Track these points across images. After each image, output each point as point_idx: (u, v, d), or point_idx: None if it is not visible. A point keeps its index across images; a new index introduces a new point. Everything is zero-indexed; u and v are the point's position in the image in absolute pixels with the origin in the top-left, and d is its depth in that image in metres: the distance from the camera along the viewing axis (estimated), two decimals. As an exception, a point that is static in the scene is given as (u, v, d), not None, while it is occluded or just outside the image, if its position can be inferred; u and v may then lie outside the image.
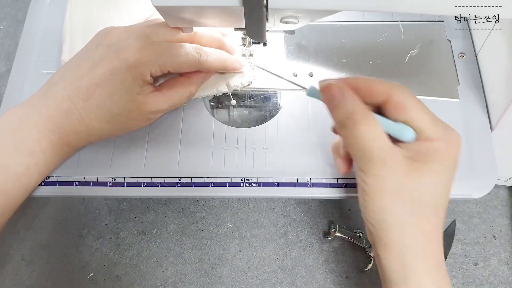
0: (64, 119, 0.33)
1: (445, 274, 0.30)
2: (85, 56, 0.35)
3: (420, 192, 0.29)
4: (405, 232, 0.29)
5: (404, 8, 0.26)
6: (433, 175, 0.29)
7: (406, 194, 0.29)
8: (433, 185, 0.29)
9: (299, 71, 0.43)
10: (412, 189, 0.29)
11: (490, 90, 0.41)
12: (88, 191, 0.38)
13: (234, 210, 0.47)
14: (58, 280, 0.45)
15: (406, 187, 0.29)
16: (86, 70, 0.33)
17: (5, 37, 0.59)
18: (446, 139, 0.29)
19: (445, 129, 0.30)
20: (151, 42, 0.34)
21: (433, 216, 0.30)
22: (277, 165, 0.39)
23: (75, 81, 0.34)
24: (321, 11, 0.28)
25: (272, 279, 0.44)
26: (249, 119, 0.41)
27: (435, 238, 0.30)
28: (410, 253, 0.29)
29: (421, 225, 0.29)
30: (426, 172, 0.29)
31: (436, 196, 0.30)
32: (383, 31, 0.45)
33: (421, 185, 0.29)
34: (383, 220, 0.30)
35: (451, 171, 0.30)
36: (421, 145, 0.29)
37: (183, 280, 0.44)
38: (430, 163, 0.29)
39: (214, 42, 0.38)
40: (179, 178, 0.38)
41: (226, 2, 0.27)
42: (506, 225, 0.46)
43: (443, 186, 0.30)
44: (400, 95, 0.31)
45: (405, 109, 0.30)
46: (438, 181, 0.29)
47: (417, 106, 0.30)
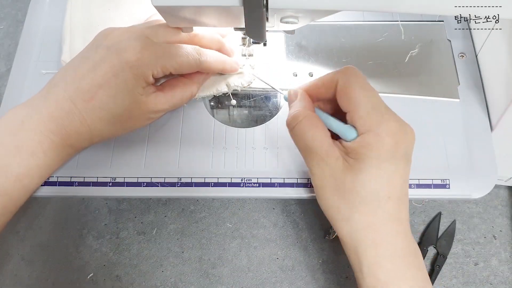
0: (65, 120, 0.33)
1: (404, 264, 0.30)
2: (85, 57, 0.35)
3: (358, 188, 0.30)
4: (352, 226, 0.31)
5: (404, 8, 0.26)
6: (367, 170, 0.29)
7: (345, 190, 0.30)
8: (368, 180, 0.30)
9: (299, 71, 0.43)
10: (349, 185, 0.30)
11: (490, 90, 0.41)
12: (88, 191, 0.38)
13: (234, 210, 0.47)
14: (58, 280, 0.45)
15: (344, 183, 0.30)
16: (87, 71, 0.33)
17: (5, 37, 0.59)
18: (378, 131, 0.29)
19: (380, 120, 0.29)
20: (151, 43, 0.34)
21: (377, 209, 0.30)
22: (277, 165, 0.39)
23: (76, 81, 0.33)
24: (321, 11, 0.28)
25: (272, 279, 0.44)
26: (249, 119, 0.41)
27: (386, 229, 0.30)
28: (361, 244, 0.30)
29: (365, 219, 0.30)
30: (359, 168, 0.30)
31: (376, 189, 0.30)
32: (383, 31, 0.45)
33: (357, 181, 0.30)
34: (331, 216, 0.32)
35: (390, 163, 0.30)
36: (354, 142, 0.30)
37: (183, 280, 0.44)
38: (362, 159, 0.30)
39: (214, 43, 0.38)
40: (179, 178, 0.38)
41: (226, 2, 0.27)
42: (506, 225, 0.46)
43: (382, 179, 0.30)
44: (344, 83, 0.31)
45: (347, 101, 0.31)
46: (374, 175, 0.30)
47: (356, 97, 0.30)
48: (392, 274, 0.30)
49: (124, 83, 0.33)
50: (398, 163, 0.30)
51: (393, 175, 0.30)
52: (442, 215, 0.46)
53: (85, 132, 0.34)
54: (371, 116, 0.30)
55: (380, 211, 0.30)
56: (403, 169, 0.31)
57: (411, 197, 0.39)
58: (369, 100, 0.30)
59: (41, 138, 0.33)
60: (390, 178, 0.30)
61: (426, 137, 0.40)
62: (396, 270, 0.30)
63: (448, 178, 0.38)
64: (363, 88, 0.31)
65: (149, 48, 0.34)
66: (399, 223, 0.31)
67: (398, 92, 0.42)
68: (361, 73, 0.32)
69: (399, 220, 0.31)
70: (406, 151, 0.30)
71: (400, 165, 0.30)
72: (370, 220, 0.30)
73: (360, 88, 0.31)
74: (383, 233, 0.30)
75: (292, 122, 0.32)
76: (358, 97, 0.30)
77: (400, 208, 0.31)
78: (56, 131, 0.33)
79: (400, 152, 0.30)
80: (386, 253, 0.30)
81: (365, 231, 0.30)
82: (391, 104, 0.33)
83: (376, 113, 0.30)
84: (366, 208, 0.30)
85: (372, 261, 0.30)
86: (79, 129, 0.34)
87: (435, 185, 0.38)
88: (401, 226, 0.31)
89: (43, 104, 0.34)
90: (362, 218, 0.30)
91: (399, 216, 0.31)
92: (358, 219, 0.30)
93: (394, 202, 0.30)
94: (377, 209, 0.30)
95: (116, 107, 0.33)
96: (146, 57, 0.33)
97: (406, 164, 0.31)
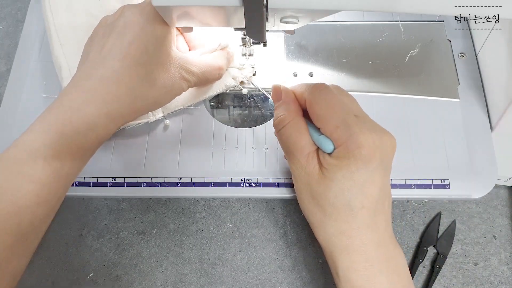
0: (101, 86, 0.31)
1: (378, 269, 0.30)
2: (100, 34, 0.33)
3: (330, 198, 0.31)
4: (326, 232, 0.32)
5: (404, 8, 0.26)
6: (338, 180, 0.30)
7: (319, 198, 0.31)
8: (341, 190, 0.30)
9: (299, 71, 0.43)
10: (322, 195, 0.31)
11: (490, 90, 0.41)
12: (88, 191, 0.38)
13: (234, 210, 0.47)
14: (58, 280, 0.45)
15: (317, 191, 0.31)
16: (112, 39, 0.31)
17: (5, 37, 0.59)
18: (347, 144, 0.29)
19: (349, 133, 0.29)
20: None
21: (349, 217, 0.31)
22: (277, 165, 0.39)
23: (107, 47, 0.31)
24: (321, 11, 0.28)
25: (272, 279, 0.44)
26: (249, 119, 0.41)
27: (359, 237, 0.31)
28: (335, 249, 0.31)
29: (338, 226, 0.31)
30: (331, 178, 0.30)
31: (348, 199, 0.30)
32: (383, 31, 0.45)
33: (329, 191, 0.31)
34: (308, 218, 0.33)
35: (361, 173, 0.30)
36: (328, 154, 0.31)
37: (183, 280, 0.44)
38: (334, 171, 0.30)
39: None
40: (179, 178, 0.38)
41: (226, 2, 0.27)
42: (506, 225, 0.46)
43: (354, 189, 0.30)
44: (311, 101, 0.32)
45: (315, 118, 0.32)
46: (346, 185, 0.30)
47: (322, 114, 0.31)
48: (365, 279, 0.30)
49: (152, 34, 0.31)
50: (372, 173, 0.30)
51: (367, 185, 0.30)
52: (442, 215, 0.46)
53: (124, 93, 0.31)
54: (338, 131, 0.30)
55: (353, 220, 0.31)
56: (379, 178, 0.31)
57: (411, 197, 0.39)
58: (335, 116, 0.30)
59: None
60: (363, 188, 0.30)
61: (426, 137, 0.40)
62: (370, 275, 0.30)
63: (448, 178, 0.38)
64: (329, 104, 0.31)
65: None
66: (374, 230, 0.31)
67: (398, 92, 0.42)
68: (329, 88, 0.32)
69: (374, 228, 0.31)
70: (382, 160, 0.30)
71: (375, 175, 0.30)
72: (343, 227, 0.31)
73: (326, 105, 0.31)
74: (356, 240, 0.31)
75: (279, 125, 0.33)
76: (324, 114, 0.31)
77: (376, 217, 0.31)
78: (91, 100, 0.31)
79: (373, 162, 0.30)
80: (360, 258, 0.30)
81: (338, 237, 0.31)
82: (391, 104, 0.33)
83: (344, 127, 0.30)
84: (338, 216, 0.31)
85: (346, 266, 0.31)
86: (118, 91, 0.31)
87: (435, 185, 0.38)
88: (376, 233, 0.31)
89: (84, 83, 0.31)
90: (335, 225, 0.31)
91: (375, 224, 0.31)
92: (331, 225, 0.31)
93: (369, 211, 0.31)
94: (350, 218, 0.31)
95: (150, 60, 0.31)
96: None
97: (382, 173, 0.31)
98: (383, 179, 0.31)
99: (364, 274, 0.30)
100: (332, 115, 0.31)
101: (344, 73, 0.43)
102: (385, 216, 0.32)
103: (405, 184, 0.38)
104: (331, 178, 0.30)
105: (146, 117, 0.39)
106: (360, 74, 0.43)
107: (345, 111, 0.31)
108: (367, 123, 0.31)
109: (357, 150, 0.29)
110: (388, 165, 0.32)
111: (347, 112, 0.31)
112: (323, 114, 0.31)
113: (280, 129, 0.33)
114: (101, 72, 0.31)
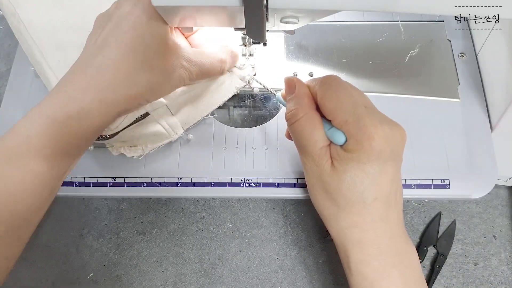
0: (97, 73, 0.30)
1: (391, 263, 0.30)
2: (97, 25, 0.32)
3: (343, 190, 0.31)
4: (338, 224, 0.32)
5: (404, 8, 0.26)
6: (351, 173, 0.30)
7: (332, 191, 0.31)
8: (353, 183, 0.30)
9: (299, 71, 0.43)
10: (335, 187, 0.31)
11: (490, 90, 0.41)
12: (88, 191, 0.38)
13: (234, 210, 0.47)
14: (58, 280, 0.45)
15: (330, 184, 0.31)
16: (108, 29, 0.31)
17: (5, 37, 0.59)
18: (358, 137, 0.29)
19: (359, 126, 0.30)
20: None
21: (363, 209, 0.31)
22: (277, 165, 0.39)
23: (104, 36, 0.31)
24: (321, 11, 0.28)
25: (272, 279, 0.44)
26: (249, 119, 0.41)
27: (372, 229, 0.31)
28: (348, 242, 0.31)
29: (351, 218, 0.31)
30: (344, 171, 0.30)
31: (361, 191, 0.30)
32: (383, 31, 0.45)
33: (342, 184, 0.30)
34: (321, 212, 0.33)
35: (374, 165, 0.30)
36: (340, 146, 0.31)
37: (183, 280, 0.44)
38: (346, 163, 0.30)
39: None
40: (179, 178, 0.38)
41: (226, 2, 0.27)
42: (506, 225, 0.46)
43: (367, 181, 0.30)
44: (321, 94, 0.32)
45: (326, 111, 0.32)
46: (358, 177, 0.30)
47: (332, 107, 0.31)
48: (378, 272, 0.30)
49: (148, 24, 0.30)
50: (384, 165, 0.30)
51: (379, 177, 0.30)
52: (442, 215, 0.46)
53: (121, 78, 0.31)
54: (349, 124, 0.30)
55: (366, 212, 0.31)
56: (391, 170, 0.31)
57: (411, 197, 0.39)
58: (346, 108, 0.30)
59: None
60: (375, 180, 0.30)
61: (426, 137, 0.40)
62: (382, 269, 0.30)
63: (448, 178, 0.38)
64: (339, 98, 0.31)
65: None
66: (386, 223, 0.31)
67: (398, 92, 0.42)
68: (340, 79, 0.32)
69: (387, 220, 0.31)
70: (392, 151, 0.30)
71: (386, 166, 0.30)
72: (356, 219, 0.31)
73: (336, 98, 0.31)
74: (369, 233, 0.31)
75: (291, 118, 0.33)
76: (335, 106, 0.31)
77: (388, 209, 0.31)
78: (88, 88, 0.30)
79: (384, 153, 0.30)
80: (373, 251, 0.30)
81: (351, 230, 0.31)
82: (391, 104, 0.33)
83: (355, 119, 0.30)
84: (351, 209, 0.31)
85: (359, 259, 0.31)
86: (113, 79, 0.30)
87: (435, 185, 0.38)
88: (388, 226, 0.31)
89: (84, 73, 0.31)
90: (348, 218, 0.31)
91: (387, 217, 0.31)
92: (344, 218, 0.31)
93: (381, 203, 0.31)
94: (363, 210, 0.31)
95: (147, 49, 0.31)
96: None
97: (393, 164, 0.31)
98: (394, 170, 0.31)
99: (377, 267, 0.30)
100: (343, 107, 0.31)
101: (344, 73, 0.43)
102: (397, 208, 0.32)
103: (405, 184, 0.38)
104: (344, 170, 0.30)
105: (168, 136, 0.38)
106: (360, 74, 0.43)
107: (355, 103, 0.31)
108: (377, 115, 0.31)
109: (368, 142, 0.29)
110: (399, 157, 0.32)
111: (358, 104, 0.31)
112: (334, 106, 0.31)
113: (293, 123, 0.33)
114: (98, 60, 0.30)
